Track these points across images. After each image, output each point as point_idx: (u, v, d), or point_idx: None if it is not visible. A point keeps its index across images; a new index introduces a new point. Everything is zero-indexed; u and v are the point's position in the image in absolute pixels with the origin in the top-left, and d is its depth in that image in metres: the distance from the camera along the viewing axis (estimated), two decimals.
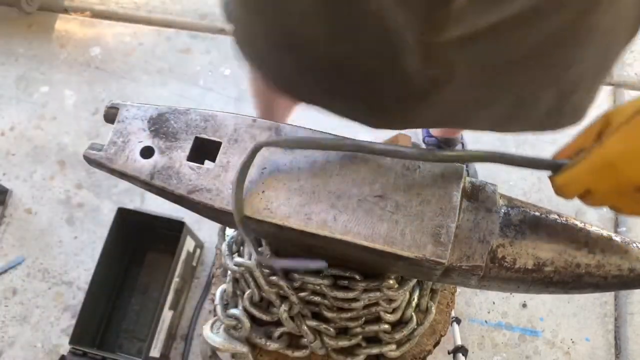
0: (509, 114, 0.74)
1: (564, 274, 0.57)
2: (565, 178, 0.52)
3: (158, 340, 1.40)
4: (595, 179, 0.50)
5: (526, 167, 0.56)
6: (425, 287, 0.81)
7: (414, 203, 0.57)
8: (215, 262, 0.95)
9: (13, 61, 1.96)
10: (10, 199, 1.71)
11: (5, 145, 1.80)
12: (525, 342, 1.48)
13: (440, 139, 1.59)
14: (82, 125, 1.82)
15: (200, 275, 1.60)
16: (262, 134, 0.61)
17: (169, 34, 1.99)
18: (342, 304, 0.72)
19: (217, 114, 0.63)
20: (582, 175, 0.51)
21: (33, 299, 1.57)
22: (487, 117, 0.74)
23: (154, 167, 0.60)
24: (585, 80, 0.72)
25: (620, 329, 1.49)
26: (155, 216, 1.48)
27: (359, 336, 0.76)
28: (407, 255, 0.55)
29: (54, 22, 2.03)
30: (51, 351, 1.50)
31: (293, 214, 0.57)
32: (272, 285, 0.72)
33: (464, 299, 1.53)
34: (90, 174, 1.73)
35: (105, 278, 1.47)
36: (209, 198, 0.58)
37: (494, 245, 0.57)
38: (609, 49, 0.68)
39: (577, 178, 0.51)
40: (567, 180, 0.52)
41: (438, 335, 0.84)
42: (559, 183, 0.53)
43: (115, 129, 0.63)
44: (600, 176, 0.50)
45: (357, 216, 0.57)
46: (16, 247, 1.64)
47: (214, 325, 0.79)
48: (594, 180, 0.50)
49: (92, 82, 1.91)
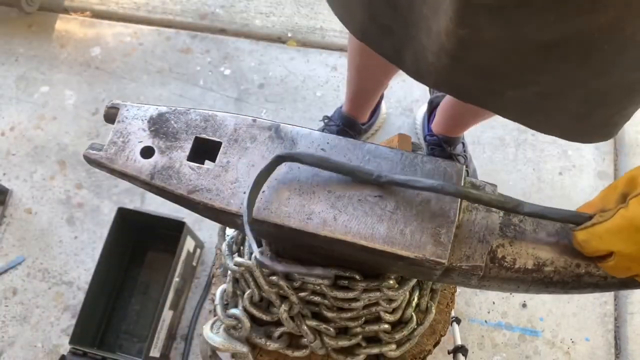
0: (536, 106, 0.75)
1: (564, 274, 0.57)
2: (587, 234, 0.52)
3: (158, 340, 1.40)
4: (619, 240, 0.49)
5: (548, 220, 0.55)
6: (425, 287, 0.81)
7: (414, 203, 0.57)
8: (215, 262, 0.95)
9: (13, 61, 1.96)
10: (10, 199, 1.71)
11: (5, 145, 1.80)
12: (525, 342, 1.48)
13: (441, 137, 1.59)
14: (82, 125, 1.82)
15: (200, 275, 1.60)
16: (262, 134, 0.61)
17: (169, 34, 1.99)
18: (342, 304, 0.72)
19: (217, 114, 0.63)
20: (605, 235, 0.50)
21: (33, 299, 1.57)
22: (513, 100, 0.75)
23: (154, 167, 0.60)
24: (616, 94, 0.71)
25: (620, 329, 1.49)
26: (155, 216, 1.48)
27: (359, 336, 0.76)
28: (407, 255, 0.55)
29: (54, 22, 2.03)
30: (51, 351, 1.51)
31: (293, 214, 0.57)
32: (272, 285, 0.72)
33: (464, 299, 1.53)
34: (90, 174, 1.73)
35: (105, 278, 1.47)
36: (209, 198, 0.58)
37: (494, 245, 0.57)
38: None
39: (599, 236, 0.51)
40: (590, 236, 0.52)
41: (438, 335, 0.84)
42: (580, 238, 0.53)
43: (115, 129, 0.63)
44: (626, 238, 0.49)
45: (357, 216, 0.57)
46: (16, 247, 1.64)
47: (214, 325, 0.79)
48: (618, 241, 0.50)
49: (92, 82, 1.91)
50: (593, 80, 0.68)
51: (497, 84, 0.73)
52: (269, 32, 1.98)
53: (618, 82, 0.69)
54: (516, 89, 0.73)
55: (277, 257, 0.72)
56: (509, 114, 0.80)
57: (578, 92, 0.71)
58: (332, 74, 1.87)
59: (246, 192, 0.58)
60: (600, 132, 0.80)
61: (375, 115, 1.71)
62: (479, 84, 0.75)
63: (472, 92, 0.78)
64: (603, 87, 0.70)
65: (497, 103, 0.79)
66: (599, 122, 0.78)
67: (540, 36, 0.61)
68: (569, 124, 0.79)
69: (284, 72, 1.89)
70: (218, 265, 0.91)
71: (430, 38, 0.71)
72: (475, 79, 0.74)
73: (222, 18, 2.01)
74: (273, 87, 1.87)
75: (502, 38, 0.63)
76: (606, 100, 0.73)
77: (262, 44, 1.95)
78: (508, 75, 0.71)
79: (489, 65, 0.69)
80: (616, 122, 0.79)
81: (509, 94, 0.74)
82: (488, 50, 0.66)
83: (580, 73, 0.67)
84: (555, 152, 1.70)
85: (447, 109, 1.52)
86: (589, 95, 0.71)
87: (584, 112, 0.75)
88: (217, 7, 2.03)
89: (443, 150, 1.58)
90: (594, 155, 1.71)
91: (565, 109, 0.75)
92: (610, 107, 0.75)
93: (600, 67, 0.65)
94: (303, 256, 0.71)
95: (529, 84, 0.71)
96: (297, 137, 0.62)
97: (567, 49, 0.62)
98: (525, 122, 0.81)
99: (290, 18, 1.98)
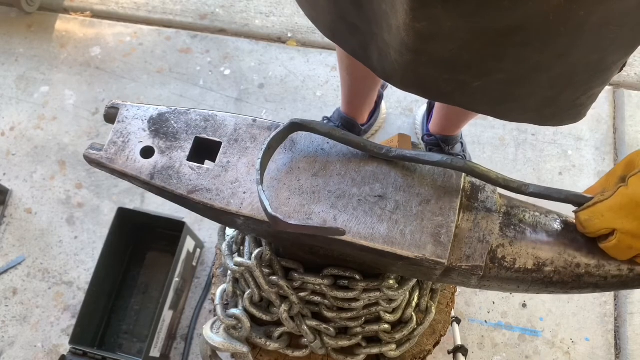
0: (503, 93, 0.75)
1: (564, 274, 0.57)
2: (589, 213, 0.54)
3: (158, 340, 1.40)
4: (620, 216, 0.51)
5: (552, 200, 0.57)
6: (425, 287, 0.81)
7: (414, 203, 0.57)
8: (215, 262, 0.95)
9: (13, 61, 1.96)
10: (10, 199, 1.71)
11: (5, 145, 1.80)
12: (525, 342, 1.48)
13: (439, 137, 1.59)
14: (82, 125, 1.82)
15: (200, 275, 1.60)
16: (262, 134, 0.61)
17: (169, 34, 1.99)
18: (342, 304, 0.72)
19: (217, 114, 0.63)
20: (606, 212, 0.52)
21: (33, 299, 1.57)
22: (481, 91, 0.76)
23: (154, 167, 0.60)
24: (580, 75, 0.73)
25: (620, 329, 1.49)
26: (155, 216, 1.48)
27: (359, 336, 0.76)
28: (407, 255, 0.55)
29: (54, 22, 2.03)
30: (51, 351, 1.51)
31: (293, 214, 0.57)
32: (272, 285, 0.72)
33: (464, 299, 1.53)
34: (90, 174, 1.73)
35: (105, 278, 1.47)
36: (209, 198, 0.58)
37: (494, 245, 0.57)
38: (603, 51, 0.68)
39: (601, 214, 0.53)
40: (592, 215, 0.54)
41: (438, 335, 0.84)
42: (582, 218, 0.55)
43: (115, 129, 0.63)
44: (627, 214, 0.51)
45: (357, 216, 0.57)
46: (16, 247, 1.64)
47: (214, 325, 0.79)
48: (619, 218, 0.52)
49: (92, 82, 1.91)
50: (555, 63, 0.69)
51: (462, 76, 0.74)
52: (269, 32, 1.98)
53: (581, 64, 0.70)
54: (481, 78, 0.73)
55: (277, 257, 0.72)
56: (479, 106, 0.81)
57: (543, 76, 0.72)
58: (332, 74, 1.87)
59: (246, 192, 0.58)
60: (569, 114, 0.82)
61: (374, 116, 1.71)
62: (444, 77, 0.75)
63: (439, 87, 0.78)
64: (567, 70, 0.71)
65: (465, 96, 0.79)
66: (567, 104, 0.79)
67: (496, 23, 0.62)
68: (539, 109, 0.80)
69: (284, 72, 1.89)
70: (218, 265, 0.91)
71: (391, 34, 0.71)
72: (439, 73, 0.74)
73: (222, 18, 2.01)
74: (273, 87, 1.87)
75: (460, 28, 0.63)
76: (571, 82, 0.74)
77: (262, 44, 1.95)
78: (471, 65, 0.71)
79: (451, 57, 0.69)
80: (583, 103, 0.80)
81: (475, 85, 0.75)
82: (447, 42, 0.66)
83: (541, 57, 0.68)
84: (555, 152, 1.70)
85: (441, 109, 1.52)
86: (554, 79, 0.72)
87: (551, 96, 0.76)
88: (217, 7, 2.03)
89: (441, 150, 1.59)
90: (594, 156, 1.71)
91: (533, 94, 0.76)
92: (577, 89, 0.76)
93: (560, 49, 0.66)
94: (303, 256, 0.71)
95: (493, 72, 0.71)
96: (297, 137, 0.62)
97: (525, 34, 0.63)
98: (496, 113, 0.82)
99: (290, 18, 1.98)
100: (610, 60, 0.71)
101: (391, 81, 0.81)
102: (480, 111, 0.81)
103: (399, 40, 0.70)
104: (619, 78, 1.84)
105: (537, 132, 1.73)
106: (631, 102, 1.80)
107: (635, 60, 1.87)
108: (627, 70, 1.86)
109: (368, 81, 1.38)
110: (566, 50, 0.66)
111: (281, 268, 0.72)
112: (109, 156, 0.61)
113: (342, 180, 0.58)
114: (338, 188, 0.58)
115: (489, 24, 0.62)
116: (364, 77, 1.34)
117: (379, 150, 0.59)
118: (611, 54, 0.69)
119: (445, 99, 0.80)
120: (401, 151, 0.58)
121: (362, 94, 1.48)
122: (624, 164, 0.53)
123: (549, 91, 0.75)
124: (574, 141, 1.72)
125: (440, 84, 0.76)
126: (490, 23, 0.62)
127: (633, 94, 1.82)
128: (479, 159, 1.71)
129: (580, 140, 1.73)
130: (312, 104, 1.83)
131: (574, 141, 1.72)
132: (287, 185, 0.58)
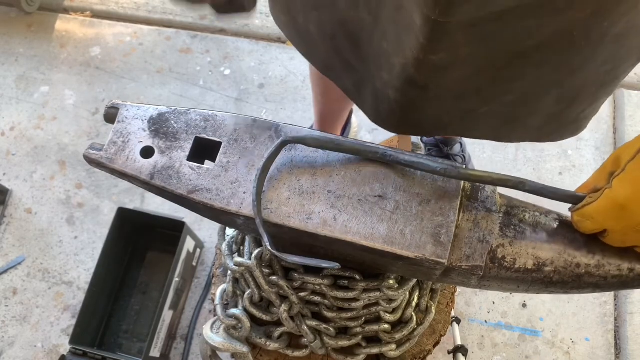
0: (509, 115, 0.73)
1: (564, 274, 0.57)
2: (580, 215, 0.55)
3: (158, 340, 1.40)
4: (607, 219, 0.52)
5: (547, 198, 0.57)
6: (425, 287, 0.81)
7: (414, 203, 0.57)
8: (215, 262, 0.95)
9: (13, 61, 1.96)
10: (10, 199, 1.71)
11: (5, 145, 1.80)
12: (525, 342, 1.48)
13: (438, 138, 1.60)
14: (82, 125, 1.82)
15: (200, 275, 1.60)
16: (263, 134, 0.61)
17: (169, 34, 1.99)
18: (342, 304, 0.72)
19: (217, 114, 0.63)
20: (595, 215, 0.53)
21: (33, 299, 1.57)
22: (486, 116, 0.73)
23: (154, 167, 0.60)
24: (589, 89, 0.71)
25: (620, 329, 1.49)
26: (155, 216, 1.48)
27: (359, 336, 0.76)
28: (407, 255, 0.55)
29: (54, 22, 2.03)
30: (51, 351, 1.51)
31: (293, 214, 0.57)
32: (272, 285, 0.72)
33: (464, 299, 1.53)
34: (90, 174, 1.73)
35: (105, 278, 1.47)
36: (209, 198, 0.58)
37: (494, 245, 0.57)
38: (617, 61, 0.67)
39: (590, 216, 0.53)
40: (582, 217, 0.55)
41: (438, 335, 0.84)
42: (575, 219, 0.56)
43: (115, 129, 0.63)
44: (613, 217, 0.51)
45: (357, 216, 0.57)
46: (16, 247, 1.64)
47: (214, 325, 0.79)
48: (606, 220, 0.52)
49: (92, 82, 1.91)
50: (568, 79, 0.67)
51: (469, 103, 0.70)
52: (269, 32, 1.98)
53: (591, 77, 0.68)
54: (489, 103, 0.70)
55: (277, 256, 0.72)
56: (480, 132, 0.77)
57: (552, 93, 0.69)
58: None
59: (246, 192, 0.58)
60: (571, 128, 0.80)
61: (346, 130, 1.71)
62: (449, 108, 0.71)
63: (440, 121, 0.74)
64: (577, 84, 0.69)
65: (469, 126, 0.76)
66: (571, 118, 0.77)
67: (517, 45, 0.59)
68: (541, 127, 0.77)
69: (284, 72, 1.89)
70: (218, 265, 0.91)
71: (392, 74, 0.67)
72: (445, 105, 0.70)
73: (222, 18, 2.01)
74: (273, 87, 1.87)
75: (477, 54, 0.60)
76: (579, 97, 0.72)
77: (262, 44, 1.95)
78: (480, 91, 0.67)
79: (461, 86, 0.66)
80: (587, 116, 0.79)
81: (482, 111, 0.72)
82: (461, 71, 0.63)
83: (555, 74, 0.65)
84: (555, 152, 1.70)
85: None
86: (563, 94, 0.70)
87: (556, 112, 0.74)
88: None
89: (440, 151, 1.59)
90: (594, 155, 1.71)
91: (538, 112, 0.73)
92: (583, 103, 0.74)
93: (576, 64, 0.64)
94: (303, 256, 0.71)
95: (503, 94, 0.68)
96: None
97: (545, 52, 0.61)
98: (497, 137, 0.79)
99: None
100: (622, 70, 0.70)
101: (384, 125, 0.77)
102: (481, 137, 0.78)
103: (403, 78, 0.66)
104: None
105: None
106: (631, 102, 1.80)
107: None
108: None
109: (343, 103, 1.37)
110: (581, 65, 0.64)
111: (281, 268, 0.72)
112: (108, 156, 0.61)
113: (342, 180, 0.58)
114: (338, 188, 0.58)
115: (509, 46, 0.59)
116: (338, 100, 1.32)
117: (374, 155, 0.58)
118: (624, 63, 0.68)
119: (444, 131, 0.77)
120: (396, 156, 0.58)
121: (336, 114, 1.47)
122: (612, 160, 0.53)
123: (554, 107, 0.72)
124: (574, 141, 1.72)
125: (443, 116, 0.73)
126: (510, 46, 0.59)
127: (633, 94, 1.82)
128: (479, 159, 1.71)
129: (580, 140, 1.73)
130: (311, 104, 1.83)
131: (574, 141, 1.72)
132: (287, 185, 0.58)
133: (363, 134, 1.78)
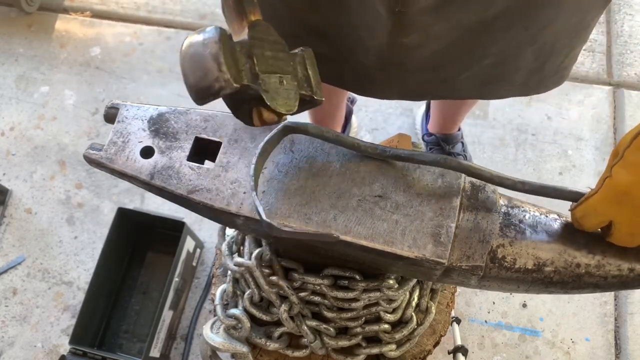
0: (490, 75, 0.76)
1: (564, 274, 0.57)
2: (583, 209, 0.54)
3: (158, 340, 1.40)
4: (611, 207, 0.51)
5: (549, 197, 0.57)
6: (425, 287, 0.81)
7: (414, 203, 0.57)
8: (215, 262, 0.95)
9: (13, 61, 1.96)
10: (10, 199, 1.71)
11: (5, 145, 1.80)
12: (525, 342, 1.48)
13: (439, 136, 1.59)
14: (82, 125, 1.82)
15: (200, 275, 1.60)
16: (262, 134, 0.61)
17: (169, 34, 1.99)
18: (342, 304, 0.71)
19: (217, 114, 0.63)
20: (598, 206, 0.52)
21: (33, 299, 1.57)
22: (469, 80, 0.76)
23: (154, 167, 0.60)
24: (562, 40, 0.74)
25: (620, 329, 1.49)
26: (155, 216, 1.48)
27: (359, 336, 0.76)
28: (407, 255, 0.55)
29: (54, 22, 2.03)
30: (51, 351, 1.50)
31: (293, 214, 0.57)
32: (272, 285, 0.72)
33: (464, 299, 1.53)
34: (90, 174, 1.73)
35: (105, 278, 1.47)
36: (209, 198, 0.58)
37: (494, 245, 0.57)
38: (583, 12, 0.69)
39: (594, 209, 0.52)
40: (585, 211, 0.53)
41: (438, 335, 0.84)
42: (577, 215, 0.55)
43: (115, 129, 0.63)
44: (617, 204, 0.50)
45: (357, 216, 0.57)
46: (16, 247, 1.64)
47: (214, 325, 0.79)
48: (610, 209, 0.51)
49: (92, 82, 1.91)
50: (540, 35, 0.70)
51: (449, 71, 0.74)
52: None
53: (562, 30, 0.71)
54: (469, 69, 0.74)
55: (277, 257, 0.72)
56: (466, 93, 0.81)
57: (528, 50, 0.72)
58: None
59: (246, 192, 0.58)
60: (554, 79, 0.83)
61: (346, 130, 1.70)
62: (430, 77, 0.75)
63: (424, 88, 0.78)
64: (550, 39, 0.72)
65: (453, 89, 0.80)
66: (552, 70, 0.81)
67: (483, 14, 0.62)
68: (525, 82, 0.81)
69: None
70: (218, 265, 0.91)
71: (368, 57, 0.71)
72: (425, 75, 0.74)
73: (222, 18, 2.01)
74: None
75: (446, 29, 0.63)
76: (555, 49, 0.75)
77: None
78: (458, 60, 0.71)
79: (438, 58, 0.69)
80: (566, 66, 0.82)
81: (463, 77, 0.75)
82: (433, 45, 0.66)
83: (526, 33, 0.68)
84: (555, 152, 1.70)
85: (437, 106, 1.52)
86: (539, 50, 0.73)
87: (537, 67, 0.77)
88: (217, 7, 2.03)
89: (441, 150, 1.59)
90: (594, 155, 1.71)
91: (519, 68, 0.77)
92: (560, 54, 0.77)
93: (544, 21, 0.67)
94: (303, 256, 0.71)
95: (480, 59, 0.72)
96: (296, 137, 0.62)
97: (511, 16, 0.63)
98: (483, 95, 0.83)
99: None
100: (590, 18, 0.72)
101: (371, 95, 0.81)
102: (467, 97, 0.83)
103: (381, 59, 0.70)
104: (619, 78, 1.84)
105: (537, 132, 1.73)
106: (631, 102, 1.80)
107: (635, 60, 1.87)
108: (627, 70, 1.86)
109: (334, 99, 1.37)
110: (550, 21, 0.67)
111: (281, 268, 0.72)
112: (108, 156, 0.61)
113: (341, 180, 0.58)
114: (338, 188, 0.58)
115: (476, 16, 0.62)
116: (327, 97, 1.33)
117: (373, 150, 0.59)
118: (590, 12, 0.71)
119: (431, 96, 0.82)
120: (395, 151, 0.58)
121: (330, 113, 1.47)
122: (612, 156, 0.53)
123: (534, 62, 0.75)
124: (574, 141, 1.72)
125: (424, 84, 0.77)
126: (477, 16, 0.62)
127: (633, 94, 1.82)
128: (479, 159, 1.71)
129: (581, 140, 1.73)
130: None
131: (574, 141, 1.72)
132: (287, 185, 0.58)
133: (363, 133, 1.78)
